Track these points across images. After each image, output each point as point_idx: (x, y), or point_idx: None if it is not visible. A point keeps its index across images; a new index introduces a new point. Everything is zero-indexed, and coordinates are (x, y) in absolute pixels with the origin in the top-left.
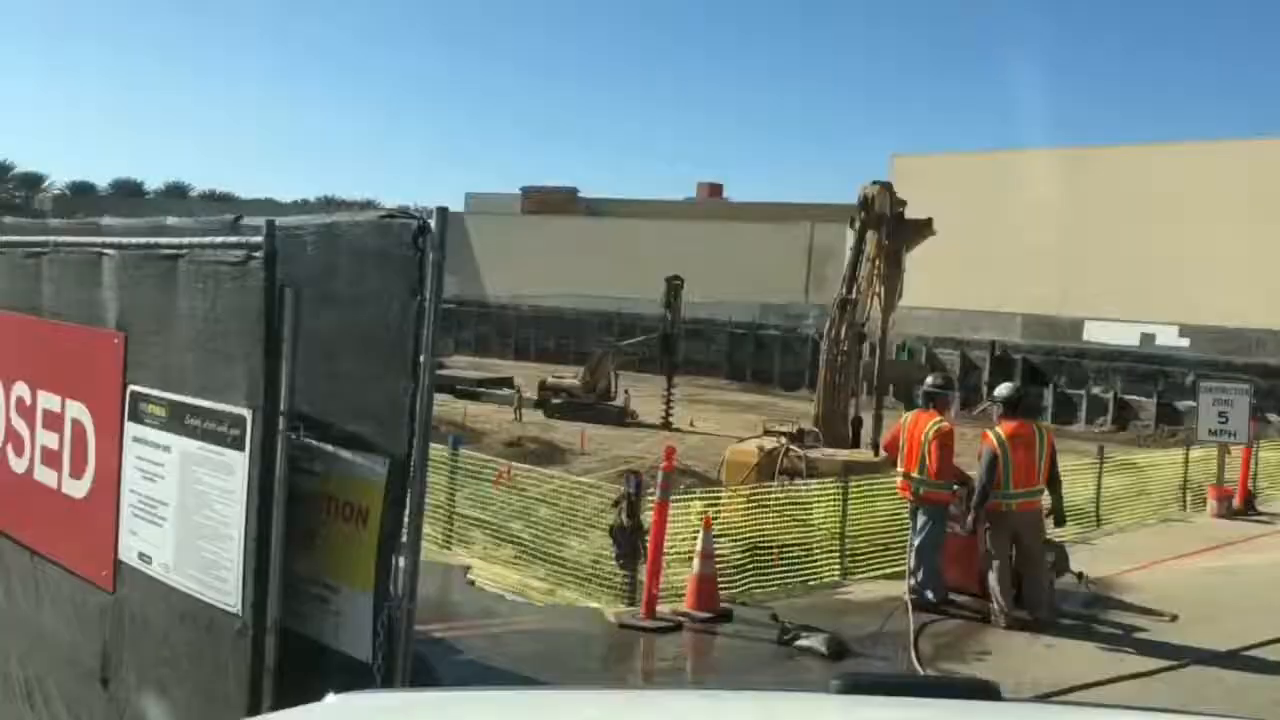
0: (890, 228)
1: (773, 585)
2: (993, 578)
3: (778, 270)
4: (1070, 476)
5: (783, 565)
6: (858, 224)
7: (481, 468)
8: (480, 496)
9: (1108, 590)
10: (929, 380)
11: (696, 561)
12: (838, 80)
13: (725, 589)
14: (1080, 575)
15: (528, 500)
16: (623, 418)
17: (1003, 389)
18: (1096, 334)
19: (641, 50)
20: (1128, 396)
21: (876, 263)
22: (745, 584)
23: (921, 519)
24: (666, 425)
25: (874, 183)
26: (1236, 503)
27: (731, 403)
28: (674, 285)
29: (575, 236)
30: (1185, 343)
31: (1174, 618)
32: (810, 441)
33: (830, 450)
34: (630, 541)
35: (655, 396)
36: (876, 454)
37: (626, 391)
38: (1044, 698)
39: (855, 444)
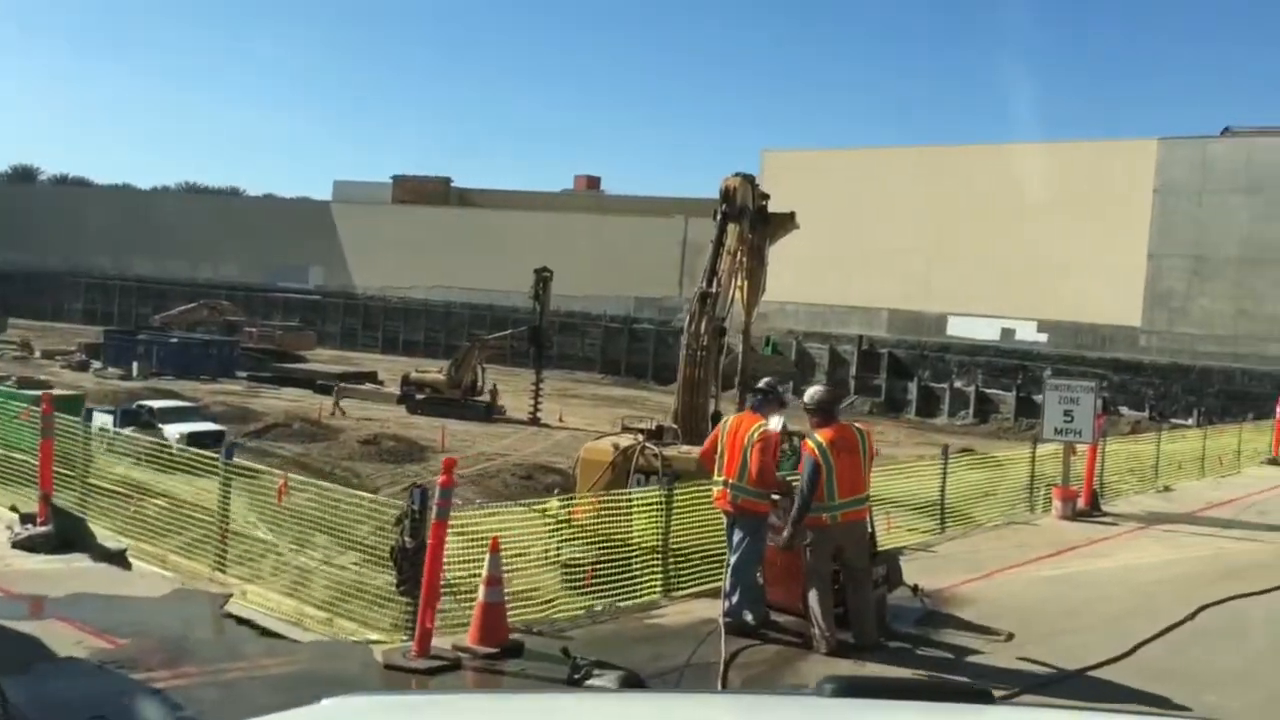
0: (752, 220)
1: (590, 604)
2: (814, 598)
3: (653, 264)
4: (918, 477)
5: (599, 582)
6: (718, 216)
7: (255, 479)
8: (265, 511)
9: (944, 604)
10: (761, 383)
11: (481, 589)
12: (714, 76)
13: (528, 614)
14: (915, 588)
15: (312, 515)
16: (489, 413)
17: (813, 392)
18: (959, 329)
19: (520, 40)
20: (989, 390)
21: (738, 256)
22: (563, 606)
23: (739, 533)
24: (534, 421)
25: (736, 175)
26: (1082, 503)
27: (604, 397)
28: (542, 277)
29: (448, 227)
30: (1043, 338)
31: (1009, 636)
32: (669, 439)
33: (688, 447)
34: (415, 565)
35: (527, 391)
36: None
37: (495, 386)
38: None
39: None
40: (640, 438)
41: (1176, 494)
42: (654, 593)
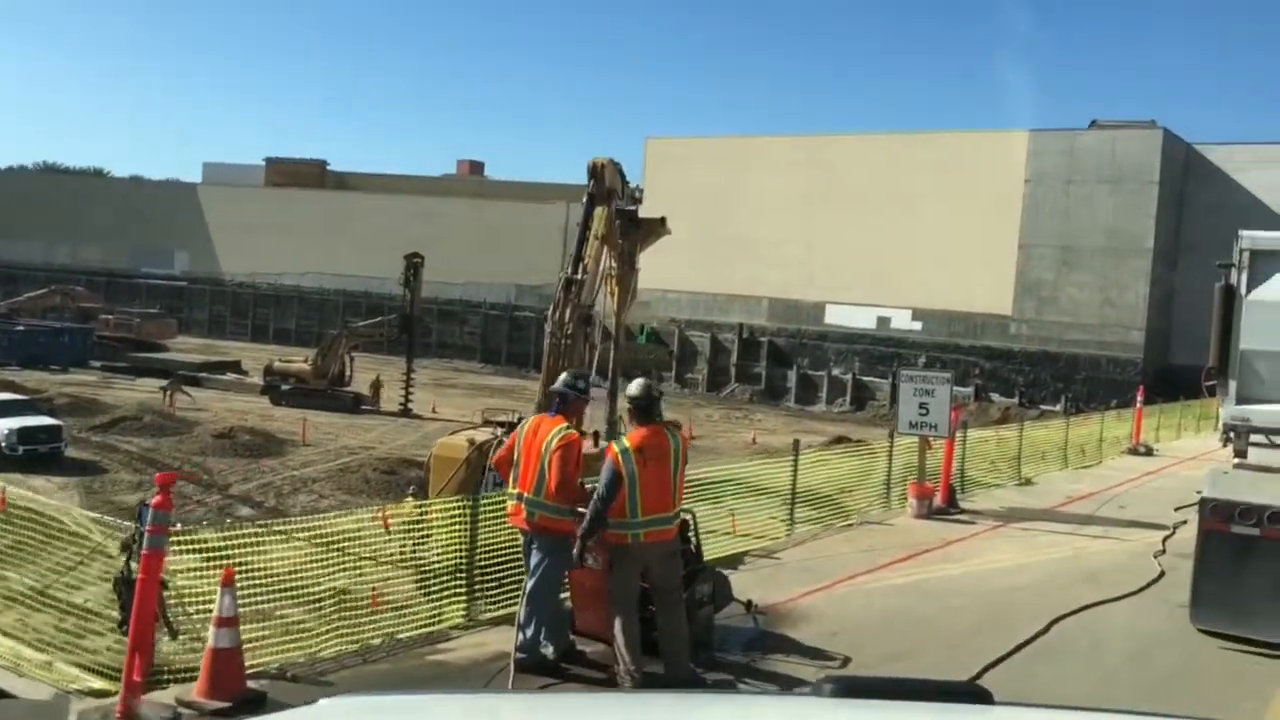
0: (622, 225)
1: (368, 637)
2: (618, 627)
3: (535, 250)
4: (768, 473)
5: (385, 607)
6: (585, 198)
7: None
8: None
9: (779, 622)
10: (562, 376)
11: (211, 631)
12: (599, 62)
13: (293, 651)
14: (749, 605)
15: (26, 541)
16: (358, 404)
17: (633, 386)
18: (837, 317)
19: (400, 21)
20: (865, 378)
21: (607, 249)
22: (331, 640)
23: (537, 554)
24: (406, 412)
25: (607, 158)
26: (939, 500)
27: (482, 387)
28: (413, 263)
29: (322, 211)
30: (918, 326)
31: (845, 661)
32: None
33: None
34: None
35: (400, 381)
36: (595, 444)
37: (379, 379)
38: None
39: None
40: (499, 431)
41: (1037, 487)
42: (456, 617)
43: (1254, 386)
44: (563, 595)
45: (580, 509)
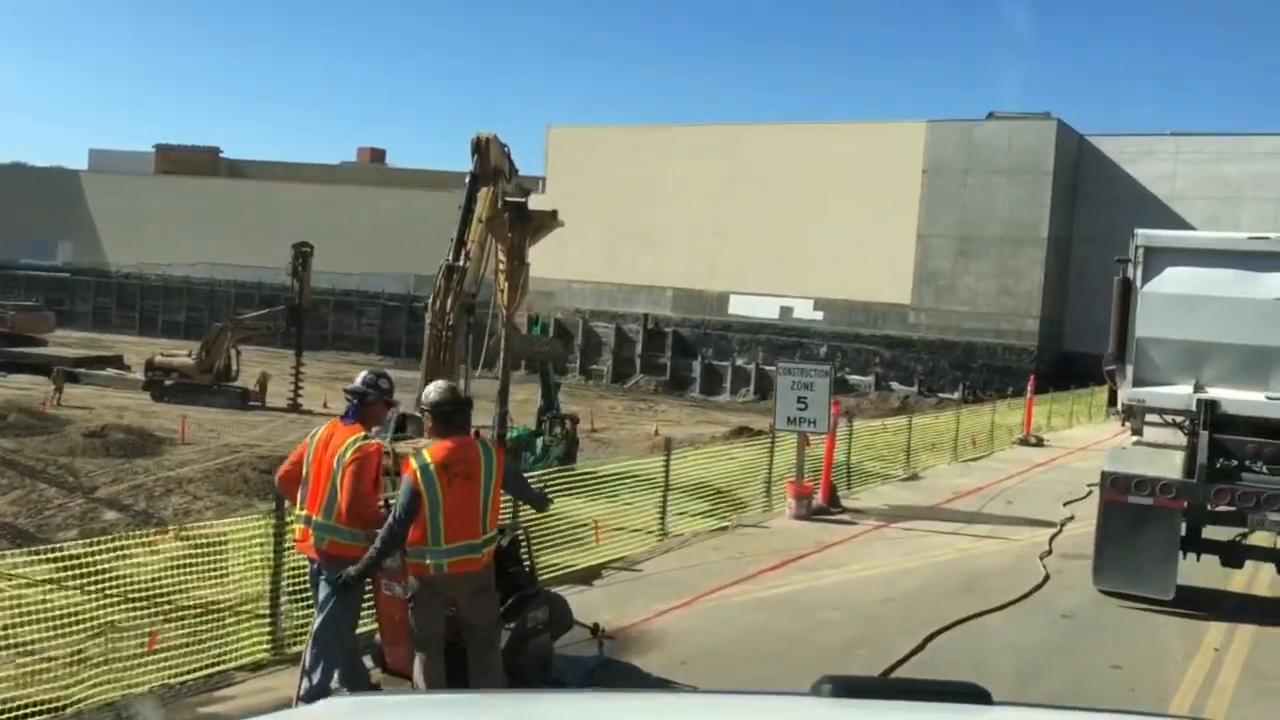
0: (512, 219)
1: (136, 681)
2: (418, 670)
3: (436, 239)
4: (642, 476)
5: (164, 645)
6: (468, 177)
7: None
8: None
9: (627, 649)
10: (360, 378)
11: None
12: (503, 49)
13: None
14: (595, 629)
15: None
16: (245, 400)
17: (432, 391)
18: (741, 307)
19: (299, 5)
20: (768, 368)
21: (491, 224)
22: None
23: (325, 588)
24: (295, 407)
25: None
26: (820, 499)
27: None
28: (301, 252)
29: (215, 200)
30: (820, 316)
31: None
32: (413, 430)
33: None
34: None
35: (290, 375)
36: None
37: (264, 375)
38: None
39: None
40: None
41: (924, 482)
42: (257, 654)
43: (1149, 371)
44: (368, 628)
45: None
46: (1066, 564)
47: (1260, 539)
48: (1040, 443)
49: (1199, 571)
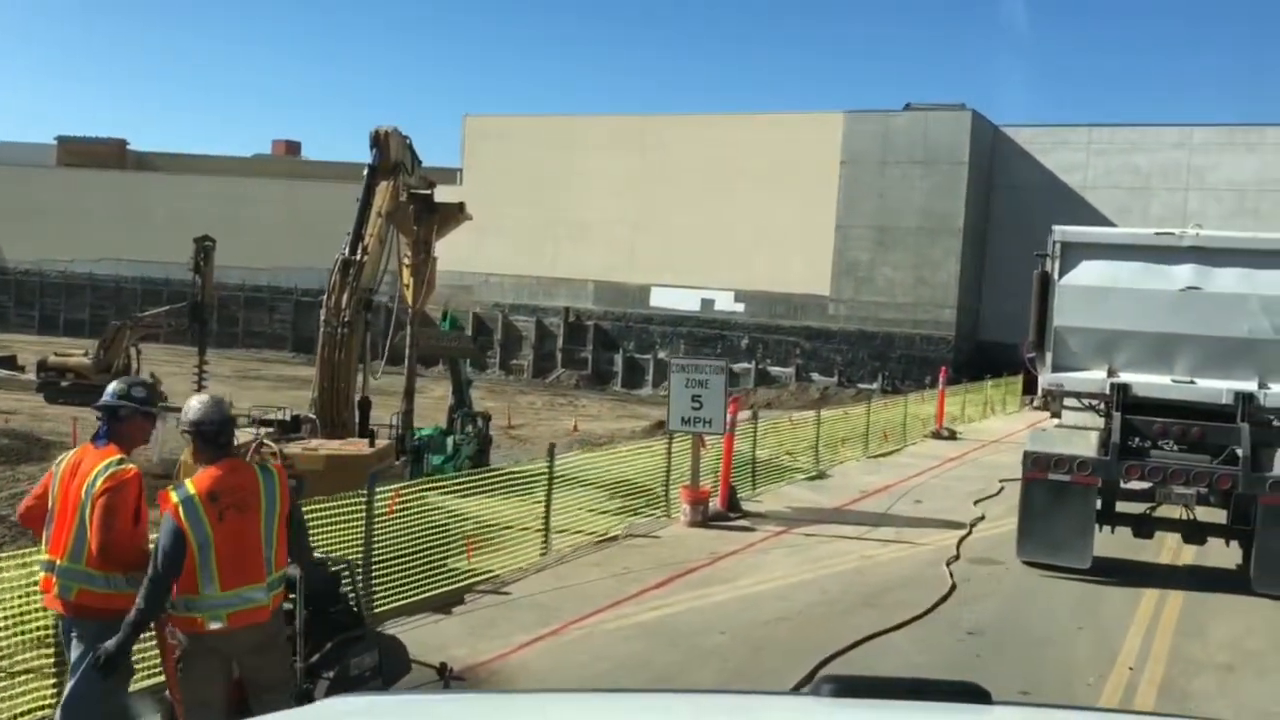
0: (418, 211)
1: None
2: None
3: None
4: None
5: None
6: (366, 170)
7: None
8: None
9: (477, 688)
10: (109, 389)
11: None
12: (419, 38)
13: None
14: (443, 670)
15: None
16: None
17: (192, 406)
18: (662, 300)
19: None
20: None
21: (394, 218)
22: None
23: (78, 647)
24: None
25: (392, 129)
26: (718, 504)
27: (290, 378)
28: (204, 246)
29: (121, 194)
30: (741, 307)
31: None
32: (308, 431)
33: (317, 442)
34: None
35: (210, 375)
36: (372, 443)
37: (152, 375)
38: None
39: (364, 432)
40: (261, 432)
41: (831, 480)
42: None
43: (1066, 357)
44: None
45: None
46: (974, 571)
47: (1169, 511)
48: (953, 436)
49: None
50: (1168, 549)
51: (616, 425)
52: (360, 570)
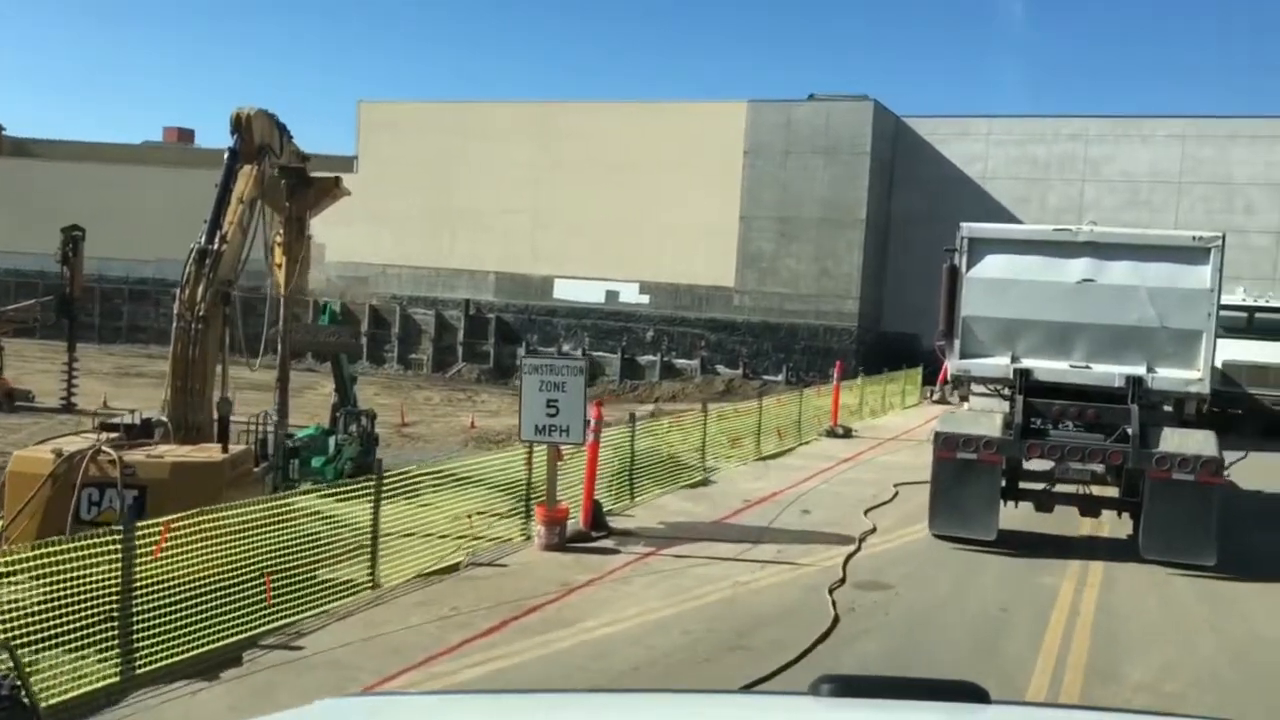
0: (291, 185)
1: None
2: None
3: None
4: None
5: None
6: (226, 153)
7: None
8: None
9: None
10: None
11: None
12: (311, 23)
13: None
14: None
15: None
16: (10, 400)
17: None
18: (565, 291)
19: None
20: (595, 353)
21: (271, 203)
22: None
23: None
24: (68, 407)
25: (257, 108)
26: (580, 523)
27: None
28: (72, 236)
29: None
30: (646, 299)
31: None
32: (161, 436)
33: (164, 448)
34: None
35: (88, 372)
36: (225, 448)
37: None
38: None
39: (222, 435)
40: (102, 438)
41: (714, 488)
42: None
43: (973, 345)
44: None
45: None
46: (860, 599)
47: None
48: (848, 434)
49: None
50: (1072, 572)
51: (514, 421)
52: (30, 649)
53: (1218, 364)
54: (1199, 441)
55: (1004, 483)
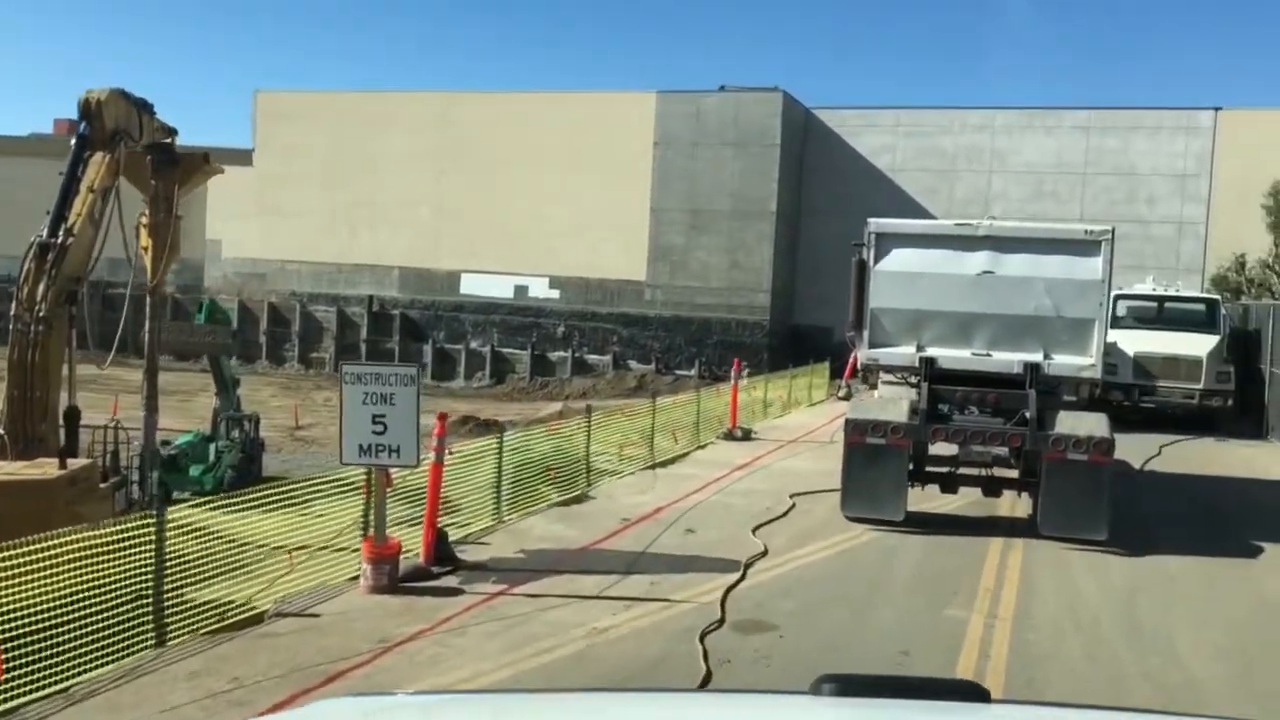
0: (156, 162)
1: None
2: None
3: (129, 218)
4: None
5: None
6: (74, 140)
7: None
8: None
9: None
10: None
11: None
12: (208, 11)
13: None
14: None
15: None
16: None
17: None
18: (472, 286)
19: None
20: (504, 350)
21: (106, 195)
22: None
23: None
24: None
25: (112, 89)
26: (420, 558)
27: None
28: None
29: None
30: (556, 294)
31: None
32: None
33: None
34: None
35: None
36: (63, 464)
37: None
38: None
39: (71, 447)
40: None
41: (593, 504)
42: None
43: (881, 335)
44: None
45: None
46: (740, 645)
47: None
48: (748, 436)
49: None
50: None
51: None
52: None
53: (1130, 355)
54: (1091, 424)
55: (911, 466)
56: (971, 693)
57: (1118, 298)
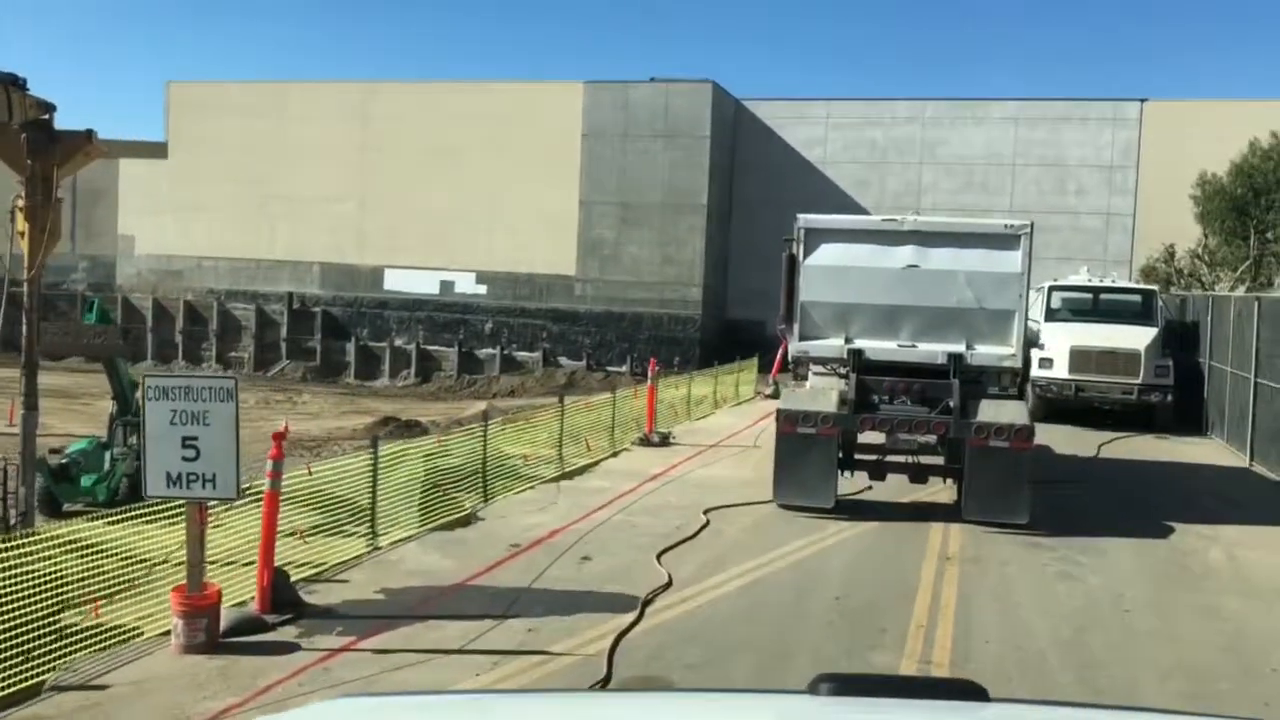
0: (33, 140)
1: None
2: None
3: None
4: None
5: None
6: None
7: None
8: None
9: None
10: None
11: None
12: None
13: None
14: None
15: None
16: None
17: None
18: (397, 282)
19: None
20: (430, 347)
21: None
22: None
23: None
24: None
25: None
26: (256, 606)
27: None
28: None
29: None
30: (483, 290)
31: None
32: None
33: None
34: None
35: None
36: None
37: None
38: None
39: None
40: None
41: (481, 526)
42: None
43: (811, 328)
44: None
45: None
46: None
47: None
48: (665, 441)
49: None
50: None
51: (338, 423)
52: None
53: (1066, 350)
54: (1012, 411)
55: (840, 454)
56: (970, 691)
57: (1052, 289)
